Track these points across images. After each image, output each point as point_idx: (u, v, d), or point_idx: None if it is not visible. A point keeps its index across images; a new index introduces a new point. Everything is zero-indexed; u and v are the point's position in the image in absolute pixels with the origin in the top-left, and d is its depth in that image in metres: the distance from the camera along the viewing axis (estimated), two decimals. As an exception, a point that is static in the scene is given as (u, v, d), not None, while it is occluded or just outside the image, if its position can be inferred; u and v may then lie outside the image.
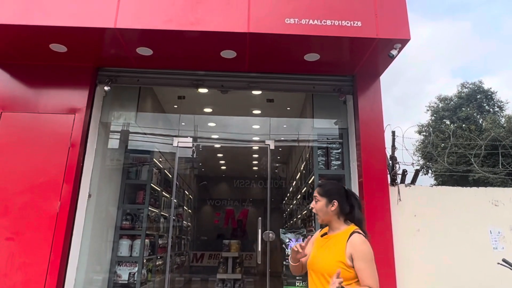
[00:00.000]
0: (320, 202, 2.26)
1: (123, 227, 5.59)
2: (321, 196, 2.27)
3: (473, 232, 4.52)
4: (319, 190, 2.31)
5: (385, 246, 4.15)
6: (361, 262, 2.06)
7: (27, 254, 3.82)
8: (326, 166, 5.14)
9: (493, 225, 4.56)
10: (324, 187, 2.32)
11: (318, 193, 2.29)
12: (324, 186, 2.34)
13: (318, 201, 2.27)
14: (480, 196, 4.67)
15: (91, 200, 4.61)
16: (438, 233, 4.47)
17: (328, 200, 2.25)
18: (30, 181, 4.06)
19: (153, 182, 6.39)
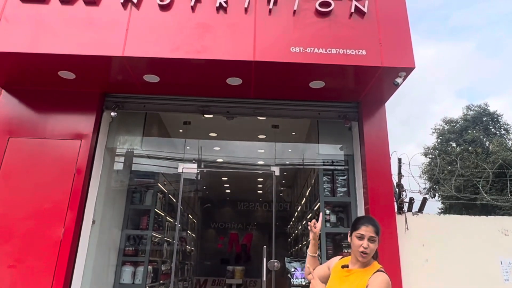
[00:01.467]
0: (376, 242, 2.19)
1: (126, 253, 5.52)
2: (377, 235, 2.19)
3: (483, 262, 4.41)
4: (376, 229, 2.19)
5: (393, 276, 3.99)
6: None
7: (29, 282, 3.76)
8: (332, 193, 5.08)
9: (503, 255, 4.45)
10: (378, 226, 2.22)
11: (376, 233, 2.17)
12: (377, 224, 2.23)
13: (375, 241, 2.18)
14: (489, 225, 4.58)
15: (95, 226, 4.58)
16: (447, 264, 4.37)
17: (379, 240, 2.21)
18: (35, 207, 4.05)
19: (157, 207, 6.35)
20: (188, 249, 10.26)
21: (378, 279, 2.05)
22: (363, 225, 2.19)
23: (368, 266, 2.18)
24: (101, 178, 4.71)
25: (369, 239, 2.14)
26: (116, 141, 5.25)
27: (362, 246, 2.13)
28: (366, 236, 2.14)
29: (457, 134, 24.69)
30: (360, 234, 2.16)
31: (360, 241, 2.15)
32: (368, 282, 2.05)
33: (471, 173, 18.41)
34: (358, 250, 2.15)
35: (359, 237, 2.16)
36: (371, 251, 2.15)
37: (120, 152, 5.50)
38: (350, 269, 2.20)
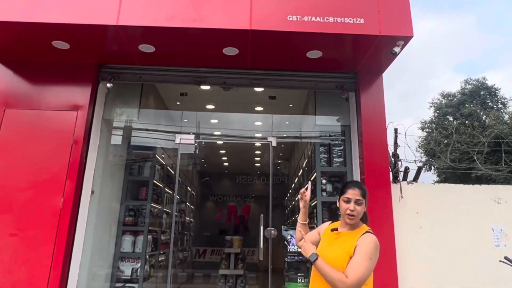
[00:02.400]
0: (363, 204, 2.22)
1: (126, 223, 5.62)
2: (364, 198, 2.22)
3: (475, 229, 4.52)
4: (363, 192, 2.23)
5: (387, 243, 4.14)
6: (358, 254, 2.06)
7: (31, 250, 3.85)
8: (328, 163, 5.14)
9: (495, 222, 4.56)
10: (365, 189, 2.26)
11: (362, 196, 2.21)
12: (363, 187, 2.26)
13: (362, 204, 2.21)
14: (482, 193, 4.66)
15: (94, 196, 4.63)
16: (440, 230, 4.47)
17: (366, 201, 2.25)
18: (33, 178, 4.08)
19: (156, 179, 6.41)
20: (187, 220, 10.43)
21: (367, 240, 2.10)
22: (349, 189, 2.23)
23: (356, 228, 2.23)
24: (99, 149, 4.73)
25: (356, 202, 2.19)
26: (113, 112, 5.24)
27: (349, 209, 2.18)
28: (352, 199, 2.19)
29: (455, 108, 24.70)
30: (347, 198, 2.21)
31: (347, 204, 2.20)
32: (357, 243, 2.10)
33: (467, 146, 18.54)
34: (345, 213, 2.20)
35: (346, 201, 2.21)
36: (358, 213, 2.19)
37: (118, 126, 5.50)
38: (339, 232, 2.26)
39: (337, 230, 2.28)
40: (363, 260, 2.04)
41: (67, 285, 4.00)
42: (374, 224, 4.17)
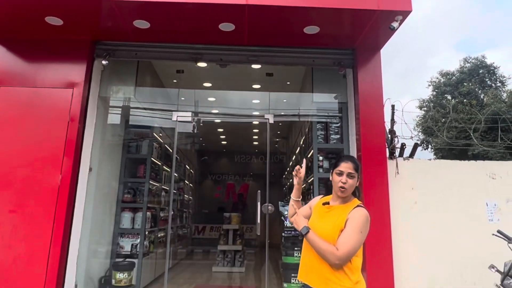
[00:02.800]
0: (355, 178, 2.23)
1: (124, 200, 5.68)
2: (356, 171, 2.24)
3: (469, 204, 4.58)
4: (355, 166, 2.24)
5: (382, 218, 4.22)
6: (349, 226, 2.08)
7: (31, 226, 3.90)
8: (325, 140, 5.16)
9: (489, 197, 4.62)
10: (357, 163, 2.28)
11: (354, 169, 2.22)
12: (356, 161, 2.28)
13: (354, 177, 2.22)
14: (477, 169, 4.71)
15: (92, 173, 4.66)
16: (435, 206, 4.54)
17: (358, 175, 2.26)
18: (31, 155, 4.09)
19: (154, 157, 6.44)
20: (186, 198, 10.53)
21: (358, 214, 2.12)
22: (342, 162, 2.25)
23: (348, 202, 2.25)
24: (96, 127, 4.73)
25: (348, 175, 2.20)
26: (109, 90, 5.20)
27: (341, 181, 2.20)
28: (345, 172, 2.20)
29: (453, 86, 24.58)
30: (340, 171, 2.22)
31: (340, 176, 2.21)
32: (348, 216, 2.12)
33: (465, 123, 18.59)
34: (337, 185, 2.21)
35: (339, 173, 2.23)
36: (350, 186, 2.21)
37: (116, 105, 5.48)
38: (331, 206, 2.28)
39: (328, 204, 2.30)
40: (354, 233, 2.06)
41: (68, 260, 4.07)
42: (370, 199, 4.25)
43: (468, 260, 4.42)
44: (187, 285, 6.36)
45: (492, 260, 3.86)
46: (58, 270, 3.83)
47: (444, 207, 4.55)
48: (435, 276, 4.38)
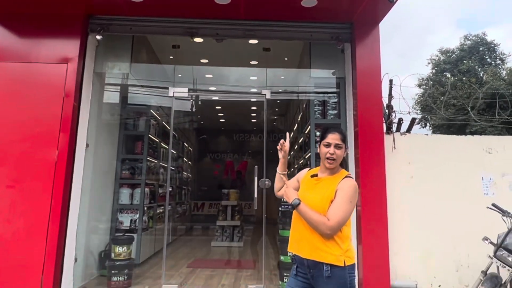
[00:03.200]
0: (343, 149, 2.24)
1: (123, 177, 5.71)
2: (343, 142, 2.24)
3: (465, 179, 4.62)
4: (342, 137, 2.25)
5: (378, 192, 4.25)
6: (339, 197, 2.10)
7: (29, 201, 3.92)
8: (323, 116, 5.14)
9: (485, 172, 4.65)
10: (344, 133, 2.28)
11: (341, 140, 2.23)
12: (343, 132, 2.28)
13: (341, 148, 2.22)
14: (474, 144, 4.72)
15: (89, 150, 4.66)
16: (431, 180, 4.58)
17: (346, 146, 2.27)
18: (27, 131, 4.08)
19: (151, 134, 6.43)
20: (185, 175, 10.59)
21: (347, 184, 2.14)
22: (330, 134, 2.25)
23: (336, 173, 2.26)
24: (92, 103, 4.70)
25: (336, 146, 2.21)
26: (105, 66, 5.14)
27: (328, 152, 2.20)
28: (332, 143, 2.21)
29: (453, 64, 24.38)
30: (327, 142, 2.23)
31: (327, 148, 2.22)
32: (337, 187, 2.13)
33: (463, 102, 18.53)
34: (325, 157, 2.22)
35: (326, 145, 2.23)
36: (338, 157, 2.21)
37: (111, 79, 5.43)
38: (319, 177, 2.28)
39: (317, 176, 2.30)
40: (344, 203, 2.08)
41: (67, 235, 4.12)
42: (366, 174, 4.28)
43: (462, 233, 4.49)
44: (186, 259, 6.47)
45: (486, 233, 3.92)
46: (58, 244, 3.88)
47: (440, 181, 4.58)
48: (430, 248, 4.46)
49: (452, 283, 4.42)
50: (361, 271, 4.21)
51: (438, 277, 4.41)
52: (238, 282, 4.95)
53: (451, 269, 4.44)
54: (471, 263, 4.43)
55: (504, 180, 4.64)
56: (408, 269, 4.38)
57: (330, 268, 2.06)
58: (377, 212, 4.23)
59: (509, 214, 3.90)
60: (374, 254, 4.15)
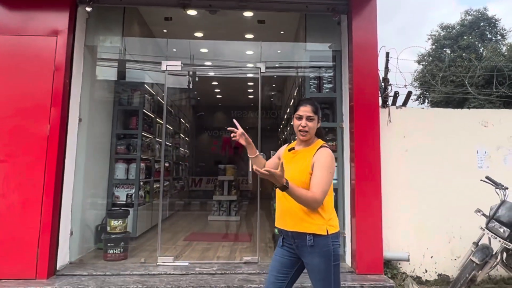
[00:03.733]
0: (315, 120, 2.25)
1: (118, 152, 5.70)
2: (315, 114, 2.25)
3: (460, 152, 4.62)
4: (314, 108, 2.25)
5: (372, 166, 4.25)
6: (318, 169, 2.11)
7: (22, 176, 3.90)
8: (318, 89, 5.09)
9: (480, 145, 4.65)
10: (316, 105, 2.29)
11: (313, 112, 2.24)
12: (316, 104, 2.29)
13: (313, 120, 2.24)
14: (470, 117, 4.70)
15: (82, 124, 4.62)
16: (426, 154, 4.57)
17: (318, 118, 2.29)
18: (17, 105, 4.01)
19: (146, 109, 6.37)
20: (182, 151, 10.59)
21: (323, 155, 2.15)
22: (301, 106, 2.26)
23: (311, 144, 2.27)
24: (84, 77, 4.62)
25: (307, 118, 2.22)
26: (96, 39, 5.04)
27: (300, 125, 2.22)
28: (304, 116, 2.23)
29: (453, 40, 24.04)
30: (299, 115, 2.25)
31: (299, 121, 2.24)
32: (314, 160, 2.15)
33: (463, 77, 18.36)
34: (298, 129, 2.24)
35: (298, 118, 2.25)
36: (310, 129, 2.23)
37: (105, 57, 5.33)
38: (296, 150, 2.31)
39: (294, 149, 2.33)
40: (324, 175, 2.09)
41: (61, 209, 4.13)
42: (361, 148, 4.26)
43: (455, 205, 4.53)
44: (183, 232, 6.55)
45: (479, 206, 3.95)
46: (52, 217, 3.89)
47: (435, 154, 4.59)
48: (423, 221, 4.50)
49: (444, 254, 4.49)
50: (354, 244, 4.26)
51: (430, 249, 4.48)
52: (234, 254, 5.02)
53: (444, 241, 4.50)
54: (464, 235, 4.48)
55: (498, 153, 4.64)
56: (401, 241, 4.44)
57: (313, 237, 2.09)
58: (371, 186, 4.23)
59: (502, 187, 3.92)
60: (367, 227, 4.18)
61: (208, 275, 4.08)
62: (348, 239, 4.48)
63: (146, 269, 4.22)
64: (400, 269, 4.39)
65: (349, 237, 4.45)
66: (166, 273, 4.11)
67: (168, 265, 4.38)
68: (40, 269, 3.82)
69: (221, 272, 4.17)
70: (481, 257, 3.66)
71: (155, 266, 4.34)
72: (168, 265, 4.38)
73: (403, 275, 4.28)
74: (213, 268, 4.29)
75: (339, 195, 4.69)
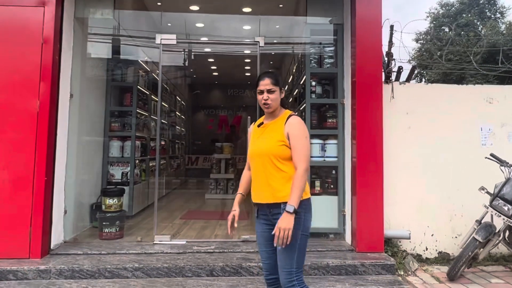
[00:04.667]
0: (276, 92, 2.24)
1: (112, 129, 5.54)
2: (276, 85, 2.25)
3: (464, 129, 4.51)
4: (273, 80, 2.25)
5: (374, 144, 4.14)
6: (295, 140, 2.16)
7: (12, 153, 3.75)
8: (319, 64, 4.91)
9: (484, 122, 4.53)
10: (276, 76, 2.29)
11: (273, 84, 2.23)
12: (275, 75, 2.30)
13: (275, 92, 2.24)
14: (475, 93, 4.56)
15: (74, 100, 4.44)
16: (429, 131, 4.46)
17: (280, 89, 2.28)
18: (4, 79, 3.83)
19: (140, 85, 6.18)
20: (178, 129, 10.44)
21: (295, 125, 2.19)
22: (260, 81, 2.27)
23: (279, 115, 2.29)
24: (74, 50, 4.42)
25: (268, 91, 2.23)
26: (86, 11, 4.79)
27: (263, 99, 2.24)
28: (264, 89, 2.24)
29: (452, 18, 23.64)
30: (260, 90, 2.26)
31: (261, 95, 2.25)
32: (286, 128, 2.19)
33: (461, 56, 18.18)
34: (262, 104, 2.26)
35: (260, 92, 2.26)
36: (273, 101, 2.24)
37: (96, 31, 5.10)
38: (265, 124, 2.31)
39: (262, 124, 2.33)
40: (302, 143, 2.15)
41: (54, 188, 4.01)
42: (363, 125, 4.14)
43: (457, 183, 4.45)
44: (180, 210, 6.48)
45: (481, 183, 3.88)
46: (44, 197, 3.76)
47: (438, 132, 4.47)
48: (424, 199, 4.43)
49: (445, 232, 4.43)
50: (354, 222, 4.20)
51: (431, 227, 4.42)
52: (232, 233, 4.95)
53: (445, 219, 4.44)
54: (465, 213, 4.42)
55: (503, 131, 4.53)
56: (402, 219, 4.37)
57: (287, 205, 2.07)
58: (372, 163, 4.13)
59: (507, 164, 3.83)
60: (368, 205, 4.11)
61: (206, 254, 4.02)
62: (348, 217, 4.42)
63: (142, 248, 4.14)
64: (400, 247, 4.34)
65: (349, 215, 4.38)
66: (163, 252, 4.03)
67: (165, 244, 4.30)
68: (33, 248, 3.72)
69: (219, 250, 4.10)
70: (484, 235, 3.60)
71: (152, 245, 4.26)
72: (165, 244, 4.30)
73: (403, 253, 4.23)
74: (211, 246, 4.22)
75: (339, 173, 4.59)
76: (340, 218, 4.56)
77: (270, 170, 2.16)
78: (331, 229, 4.56)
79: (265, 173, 2.16)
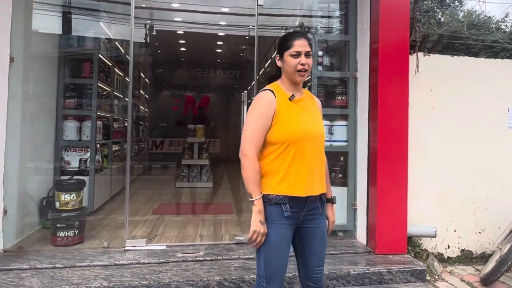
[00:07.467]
0: (311, 58, 1.86)
1: (67, 106, 4.45)
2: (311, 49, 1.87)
3: (490, 109, 3.94)
4: (310, 42, 1.85)
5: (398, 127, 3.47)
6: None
7: None
8: (326, 32, 4.13)
9: (512, 102, 3.99)
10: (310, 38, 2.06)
11: (310, 46, 1.85)
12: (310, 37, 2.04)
13: (311, 56, 1.85)
14: (503, 69, 3.99)
15: (15, 67, 3.36)
16: (453, 111, 3.84)
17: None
18: None
19: (102, 54, 5.08)
20: (142, 109, 9.32)
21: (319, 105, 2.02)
22: (295, 40, 1.82)
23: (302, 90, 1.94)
24: (14, 4, 3.32)
25: (306, 55, 1.81)
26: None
27: (300, 63, 1.79)
28: (302, 51, 1.80)
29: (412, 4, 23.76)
30: (296, 52, 1.80)
31: (297, 58, 1.80)
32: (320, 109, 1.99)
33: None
34: (296, 69, 1.81)
35: (295, 55, 1.80)
36: (310, 67, 1.85)
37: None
38: (299, 97, 1.88)
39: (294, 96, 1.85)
40: None
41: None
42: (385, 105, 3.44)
43: (482, 172, 3.89)
44: (151, 203, 5.54)
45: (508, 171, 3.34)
46: (-26, 193, 2.75)
47: (463, 111, 3.87)
48: (446, 189, 3.84)
49: (468, 227, 3.88)
50: (372, 217, 3.54)
51: (454, 222, 3.85)
52: (219, 231, 4.14)
53: (468, 212, 3.88)
54: (490, 205, 3.89)
55: (533, 112, 4.01)
56: (422, 212, 3.75)
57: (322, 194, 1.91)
58: (396, 149, 3.46)
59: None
60: (390, 199, 3.45)
61: (195, 263, 3.18)
62: (361, 212, 3.74)
63: (111, 256, 3.22)
64: (422, 246, 3.75)
65: (363, 210, 3.71)
66: (138, 263, 3.13)
67: (139, 250, 3.41)
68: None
69: (210, 258, 3.28)
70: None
71: (123, 252, 3.35)
72: (140, 250, 3.41)
73: (424, 253, 3.64)
74: (200, 252, 3.38)
75: (350, 159, 3.89)
76: (350, 213, 3.88)
77: (323, 155, 1.91)
78: (339, 225, 3.82)
79: (322, 158, 1.90)
